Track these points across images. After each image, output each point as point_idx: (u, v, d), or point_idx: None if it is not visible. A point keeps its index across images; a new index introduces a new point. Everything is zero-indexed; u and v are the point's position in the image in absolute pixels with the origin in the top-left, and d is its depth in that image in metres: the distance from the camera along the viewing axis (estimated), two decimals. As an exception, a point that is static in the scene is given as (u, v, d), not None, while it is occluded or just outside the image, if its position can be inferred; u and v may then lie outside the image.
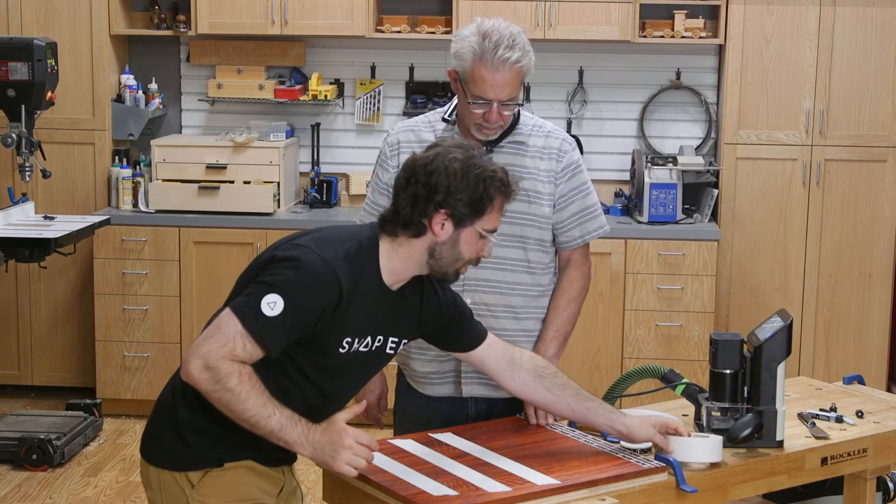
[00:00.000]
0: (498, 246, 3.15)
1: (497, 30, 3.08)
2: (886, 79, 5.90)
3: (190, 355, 2.54)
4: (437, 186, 2.62)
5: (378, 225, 2.72)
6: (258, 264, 2.66)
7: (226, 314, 2.56)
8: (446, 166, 2.62)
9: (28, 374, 6.27)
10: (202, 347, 2.52)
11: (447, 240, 2.67)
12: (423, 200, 2.64)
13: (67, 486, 5.17)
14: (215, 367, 2.50)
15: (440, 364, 3.26)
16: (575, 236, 3.28)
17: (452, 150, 2.66)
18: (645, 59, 6.25)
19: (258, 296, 2.54)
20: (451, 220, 2.66)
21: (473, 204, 2.65)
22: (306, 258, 2.58)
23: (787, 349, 2.97)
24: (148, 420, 2.81)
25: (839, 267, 6.01)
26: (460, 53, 3.10)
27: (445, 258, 2.69)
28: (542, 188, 3.22)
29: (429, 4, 6.24)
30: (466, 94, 3.11)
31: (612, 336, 5.86)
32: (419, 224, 2.65)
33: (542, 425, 3.11)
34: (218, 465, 2.68)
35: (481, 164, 2.66)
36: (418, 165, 2.66)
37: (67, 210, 6.07)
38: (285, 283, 2.55)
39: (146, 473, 2.76)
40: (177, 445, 2.68)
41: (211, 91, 6.26)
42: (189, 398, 2.66)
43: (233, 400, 2.51)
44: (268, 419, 2.53)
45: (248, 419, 2.53)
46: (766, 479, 2.96)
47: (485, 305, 3.23)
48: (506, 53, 3.05)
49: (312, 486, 5.13)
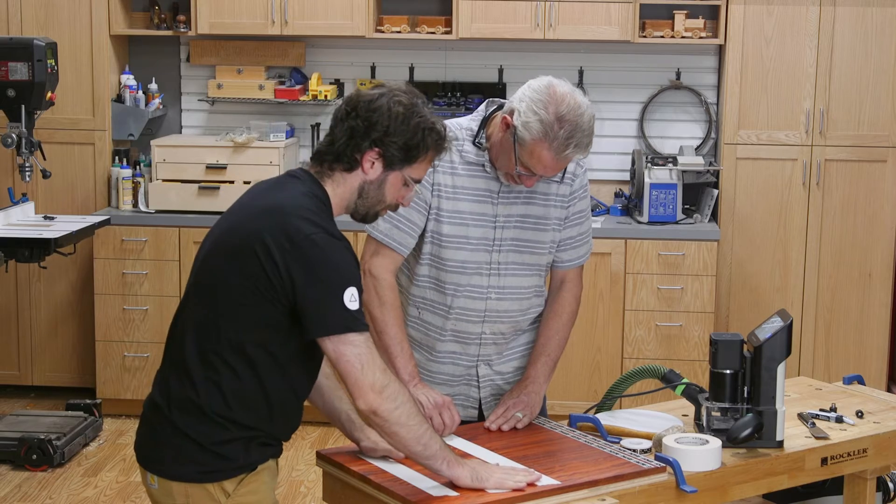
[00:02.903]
0: (516, 276, 3.17)
1: (572, 116, 2.91)
2: (886, 79, 5.90)
3: (357, 395, 2.56)
4: (376, 125, 2.64)
5: (314, 162, 2.72)
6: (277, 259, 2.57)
7: (341, 343, 2.55)
8: (389, 108, 2.64)
9: (28, 374, 6.27)
10: (364, 382, 2.55)
11: (375, 179, 2.69)
12: (359, 135, 2.65)
13: (67, 486, 5.17)
14: (387, 386, 2.56)
15: (454, 366, 3.27)
16: (573, 256, 3.28)
17: (398, 93, 2.67)
18: (645, 59, 6.25)
19: (337, 301, 2.54)
20: (382, 160, 2.67)
21: (408, 150, 2.67)
22: (329, 241, 2.57)
23: (787, 349, 2.97)
24: (148, 433, 2.72)
25: (839, 267, 6.01)
26: (528, 125, 2.92)
27: (371, 198, 2.71)
28: (556, 213, 3.20)
29: (429, 4, 6.24)
30: (515, 152, 2.98)
31: (612, 336, 5.86)
32: (351, 158, 2.66)
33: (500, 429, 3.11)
34: (252, 469, 2.67)
35: (423, 114, 2.68)
36: (362, 101, 2.66)
37: (67, 210, 6.07)
38: (345, 273, 2.56)
39: (167, 492, 2.68)
40: (208, 458, 2.63)
41: (211, 91, 6.26)
42: (213, 417, 2.61)
43: (414, 413, 2.61)
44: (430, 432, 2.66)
45: (424, 433, 2.62)
46: (766, 479, 2.96)
47: (501, 334, 3.24)
48: (574, 153, 2.95)
49: (312, 486, 5.13)
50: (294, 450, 5.50)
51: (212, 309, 2.62)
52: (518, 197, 3.14)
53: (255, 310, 2.58)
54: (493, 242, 3.14)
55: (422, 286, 3.19)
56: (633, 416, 3.20)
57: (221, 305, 2.61)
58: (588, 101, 2.97)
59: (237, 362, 2.60)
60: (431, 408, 3.02)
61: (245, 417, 2.62)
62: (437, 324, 3.20)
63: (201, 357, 2.62)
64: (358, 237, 5.78)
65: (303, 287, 2.54)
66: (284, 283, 2.54)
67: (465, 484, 2.64)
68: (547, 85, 2.96)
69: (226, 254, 2.62)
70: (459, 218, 3.12)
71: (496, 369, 3.27)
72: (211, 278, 2.65)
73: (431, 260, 3.16)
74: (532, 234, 3.17)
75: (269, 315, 2.58)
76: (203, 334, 2.63)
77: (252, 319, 2.58)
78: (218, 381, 2.61)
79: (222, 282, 2.61)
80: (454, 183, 3.11)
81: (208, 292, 2.64)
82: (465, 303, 3.17)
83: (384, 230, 3.11)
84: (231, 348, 2.60)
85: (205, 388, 2.61)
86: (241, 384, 2.61)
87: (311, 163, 2.74)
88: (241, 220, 2.64)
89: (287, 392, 2.66)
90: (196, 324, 2.65)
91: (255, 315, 2.58)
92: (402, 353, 3.08)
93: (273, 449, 2.73)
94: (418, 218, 3.11)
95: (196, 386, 2.62)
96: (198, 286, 2.68)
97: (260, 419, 2.64)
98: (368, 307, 3.09)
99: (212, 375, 2.61)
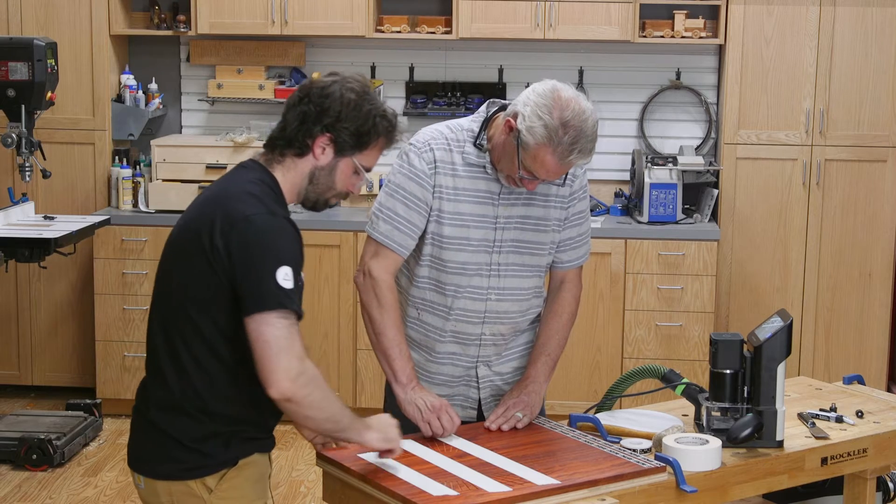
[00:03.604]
0: (516, 277, 3.18)
1: (576, 122, 2.90)
2: (886, 79, 5.90)
3: (270, 380, 2.55)
4: (329, 110, 2.68)
5: (266, 149, 2.76)
6: (207, 244, 2.61)
7: (263, 322, 2.55)
8: (342, 94, 2.69)
9: (28, 374, 6.27)
10: (278, 367, 2.54)
11: (325, 165, 2.73)
12: (311, 120, 2.69)
13: (67, 486, 5.17)
14: (302, 373, 2.56)
15: (454, 367, 3.27)
16: (573, 257, 3.28)
17: (351, 81, 2.72)
18: (645, 59, 6.25)
19: (269, 277, 2.55)
20: (333, 146, 2.71)
21: (359, 136, 2.71)
22: (268, 220, 2.60)
23: (787, 349, 2.97)
24: (136, 436, 2.77)
25: (839, 267, 6.01)
26: (533, 130, 2.91)
27: (321, 185, 2.75)
28: (556, 214, 3.20)
29: (429, 4, 6.24)
30: (519, 156, 2.97)
31: (612, 336, 5.86)
32: (303, 143, 2.70)
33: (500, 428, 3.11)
34: (234, 464, 2.69)
35: (375, 101, 2.73)
36: (315, 88, 2.71)
37: (67, 210, 6.07)
38: (282, 252, 2.58)
39: (153, 491, 2.72)
40: (188, 455, 2.67)
41: (211, 91, 6.26)
42: (191, 412, 2.65)
43: (327, 394, 2.64)
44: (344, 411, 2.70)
45: (335, 411, 2.67)
46: (766, 479, 2.96)
47: (500, 335, 3.24)
48: (578, 158, 2.94)
49: (312, 486, 5.13)
50: (294, 450, 5.50)
51: (175, 305, 2.67)
52: (518, 198, 3.14)
53: (212, 298, 2.62)
54: (494, 244, 3.14)
55: (422, 287, 3.19)
56: (633, 416, 3.20)
57: (182, 300, 2.65)
58: (592, 107, 2.97)
59: (204, 354, 2.64)
60: (429, 412, 3.02)
61: (223, 409, 2.66)
62: (437, 325, 3.20)
63: (171, 355, 2.67)
64: (358, 237, 5.79)
65: (240, 266, 2.58)
66: (226, 266, 2.59)
67: (377, 446, 2.76)
68: (552, 89, 2.95)
69: (181, 250, 2.68)
70: (460, 220, 3.12)
71: (495, 370, 3.27)
72: (170, 277, 2.70)
73: (432, 261, 3.16)
74: (532, 235, 3.17)
75: (223, 301, 2.61)
76: (169, 332, 2.68)
77: (210, 309, 2.62)
78: (190, 375, 2.65)
79: (180, 278, 2.67)
80: (455, 185, 3.11)
81: (169, 291, 2.69)
82: (465, 304, 3.17)
83: (384, 231, 3.11)
84: (197, 341, 2.64)
85: (178, 385, 2.66)
86: (212, 376, 2.65)
87: (262, 150, 2.78)
88: (191, 215, 2.71)
89: (257, 379, 2.67)
90: (163, 323, 2.70)
91: (211, 304, 2.62)
92: (400, 355, 3.09)
93: (258, 443, 2.75)
94: (418, 219, 3.11)
95: (170, 384, 2.67)
96: (160, 288, 2.74)
97: (237, 409, 2.67)
98: (367, 308, 3.10)
99: (183, 371, 2.65)
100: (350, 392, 5.90)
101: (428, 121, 5.96)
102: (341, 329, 5.91)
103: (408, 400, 3.05)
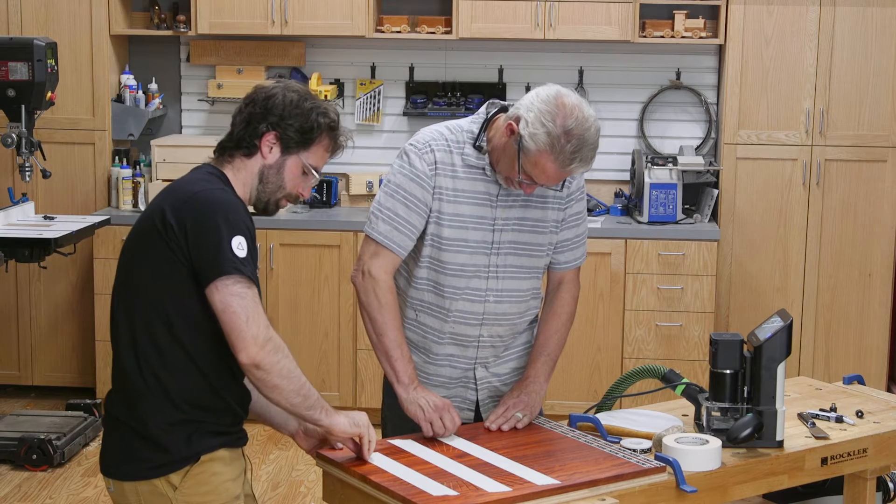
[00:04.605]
0: (515, 279, 3.18)
1: (579, 130, 2.90)
2: (886, 79, 5.90)
3: (239, 347, 2.61)
4: (273, 109, 2.79)
5: (216, 154, 2.85)
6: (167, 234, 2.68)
7: (227, 292, 2.61)
8: (284, 95, 2.81)
9: (28, 374, 6.27)
10: (248, 334, 2.61)
11: (274, 164, 2.81)
12: (256, 120, 2.80)
13: (67, 486, 5.17)
14: (270, 339, 2.63)
15: (452, 369, 3.27)
16: (571, 258, 3.28)
17: (293, 85, 2.87)
18: (645, 59, 6.25)
19: (225, 246, 2.62)
20: (280, 143, 2.80)
21: (303, 132, 2.80)
22: (217, 194, 2.69)
23: (787, 349, 2.97)
24: (105, 440, 2.82)
25: (839, 267, 6.01)
26: (535, 136, 2.90)
27: (271, 184, 2.82)
28: (553, 215, 3.20)
29: (429, 4, 6.24)
30: (519, 160, 2.96)
31: (612, 336, 5.86)
32: (250, 143, 2.80)
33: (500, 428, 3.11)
34: (196, 459, 2.71)
35: (316, 101, 2.84)
36: (259, 93, 2.84)
37: (67, 210, 6.07)
38: (234, 222, 2.65)
39: (121, 493, 2.75)
40: (150, 452, 2.70)
41: (211, 91, 6.26)
42: (153, 399, 2.69)
43: (295, 367, 2.69)
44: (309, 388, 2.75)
45: (304, 385, 2.71)
46: (766, 479, 2.96)
47: (499, 337, 3.24)
48: (579, 167, 2.94)
49: (312, 486, 5.13)
50: (294, 450, 5.50)
51: (135, 293, 2.72)
52: (516, 200, 3.14)
53: (172, 282, 2.67)
54: (492, 245, 3.14)
55: (420, 289, 3.19)
56: (633, 416, 3.20)
57: (142, 287, 2.71)
58: (594, 114, 2.96)
59: (165, 339, 2.68)
60: (431, 411, 3.02)
61: (184, 395, 2.68)
62: (436, 327, 3.20)
63: (132, 345, 2.71)
64: (357, 237, 5.78)
65: (193, 239, 2.65)
66: (181, 243, 2.66)
67: (344, 430, 2.79)
68: (556, 95, 2.94)
69: (137, 241, 2.77)
70: (460, 221, 3.12)
71: (493, 371, 3.27)
72: (130, 267, 2.79)
73: (430, 263, 3.15)
74: (530, 236, 3.17)
75: (183, 284, 2.67)
76: (131, 321, 2.72)
77: (171, 292, 2.68)
78: (151, 364, 2.69)
79: (140, 266, 2.74)
80: (455, 186, 3.11)
81: (129, 281, 2.76)
82: (463, 306, 3.17)
83: (383, 232, 3.11)
84: (159, 327, 2.68)
85: (139, 374, 2.69)
86: (173, 362, 2.69)
87: (212, 156, 2.86)
88: (146, 211, 2.80)
89: (219, 364, 2.71)
90: (125, 313, 2.74)
91: (172, 286, 2.67)
92: (401, 356, 3.09)
93: (225, 438, 2.76)
94: (418, 220, 3.11)
95: (131, 375, 2.71)
96: (120, 279, 2.81)
97: (199, 395, 2.70)
98: (368, 309, 3.10)
99: (145, 360, 2.69)
100: (350, 392, 5.90)
101: (428, 121, 5.97)
102: (341, 329, 5.91)
103: (410, 400, 3.05)
